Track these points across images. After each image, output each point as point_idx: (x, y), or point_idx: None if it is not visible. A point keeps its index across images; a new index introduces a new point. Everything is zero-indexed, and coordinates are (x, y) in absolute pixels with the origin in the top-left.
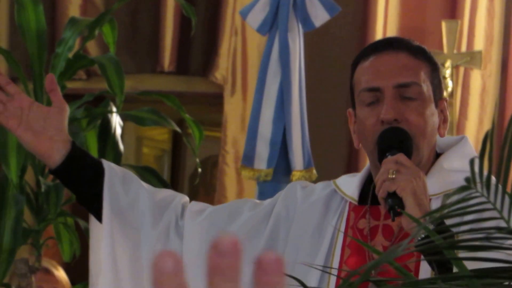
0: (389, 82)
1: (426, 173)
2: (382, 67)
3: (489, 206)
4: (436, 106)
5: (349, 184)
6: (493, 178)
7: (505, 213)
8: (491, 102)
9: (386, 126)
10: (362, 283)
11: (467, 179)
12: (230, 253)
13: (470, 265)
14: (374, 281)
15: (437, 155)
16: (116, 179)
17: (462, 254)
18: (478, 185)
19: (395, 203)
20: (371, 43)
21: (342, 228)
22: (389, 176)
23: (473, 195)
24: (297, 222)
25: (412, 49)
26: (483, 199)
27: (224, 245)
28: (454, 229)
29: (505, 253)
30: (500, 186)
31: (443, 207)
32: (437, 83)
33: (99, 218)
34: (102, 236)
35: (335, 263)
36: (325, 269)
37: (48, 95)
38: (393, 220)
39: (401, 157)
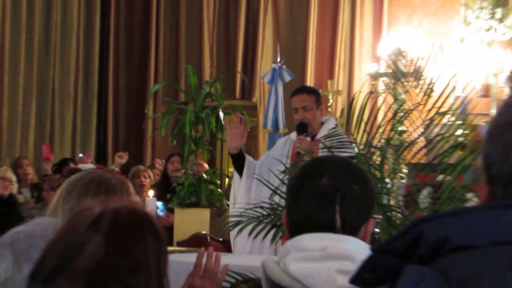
0: (299, 105)
1: (318, 131)
2: (297, 99)
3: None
4: (318, 109)
5: (293, 134)
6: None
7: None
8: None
9: (299, 121)
10: None
11: (336, 125)
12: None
13: None
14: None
15: (322, 123)
16: (248, 161)
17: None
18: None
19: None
20: (295, 89)
21: (290, 154)
22: (297, 145)
23: (338, 132)
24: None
25: (307, 91)
26: (344, 135)
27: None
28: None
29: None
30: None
31: (320, 138)
32: (318, 100)
33: (240, 174)
34: (241, 180)
35: None
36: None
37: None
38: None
39: (303, 137)
